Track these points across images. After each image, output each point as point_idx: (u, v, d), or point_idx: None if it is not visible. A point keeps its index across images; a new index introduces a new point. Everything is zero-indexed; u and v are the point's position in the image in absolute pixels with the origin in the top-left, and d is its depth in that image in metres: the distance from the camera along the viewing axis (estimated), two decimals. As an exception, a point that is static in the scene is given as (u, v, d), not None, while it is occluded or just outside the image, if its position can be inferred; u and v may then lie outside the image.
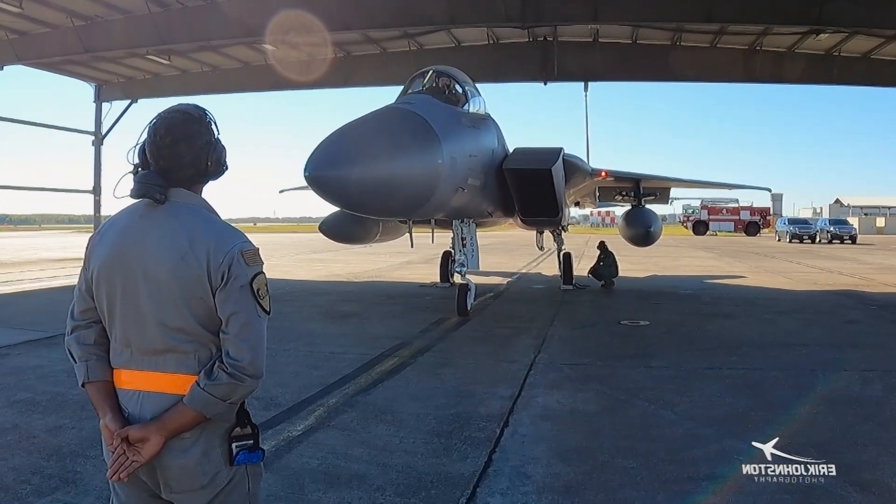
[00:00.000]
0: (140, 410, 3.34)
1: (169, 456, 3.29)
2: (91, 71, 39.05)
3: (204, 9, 28.16)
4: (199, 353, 3.40)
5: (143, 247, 3.44)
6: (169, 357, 3.37)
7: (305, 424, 8.65)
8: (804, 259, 42.54)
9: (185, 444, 3.31)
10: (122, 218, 3.63)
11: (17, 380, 10.94)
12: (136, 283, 3.40)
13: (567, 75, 34.44)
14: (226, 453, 3.42)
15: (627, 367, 12.08)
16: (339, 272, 32.35)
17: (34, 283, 27.01)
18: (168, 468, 3.31)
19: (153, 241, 3.43)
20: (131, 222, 3.55)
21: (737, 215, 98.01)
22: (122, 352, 3.46)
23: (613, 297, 23.61)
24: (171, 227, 3.45)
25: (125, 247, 3.48)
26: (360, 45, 35.17)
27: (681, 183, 33.31)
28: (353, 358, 12.75)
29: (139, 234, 3.48)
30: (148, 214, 3.50)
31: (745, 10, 24.58)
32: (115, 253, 3.49)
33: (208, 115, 3.72)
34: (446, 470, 7.12)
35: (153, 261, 3.39)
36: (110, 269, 3.49)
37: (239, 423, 3.48)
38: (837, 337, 15.47)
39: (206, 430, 3.36)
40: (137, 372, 3.41)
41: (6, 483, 6.72)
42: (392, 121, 13.82)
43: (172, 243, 3.40)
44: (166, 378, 3.36)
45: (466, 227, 18.12)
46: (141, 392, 3.37)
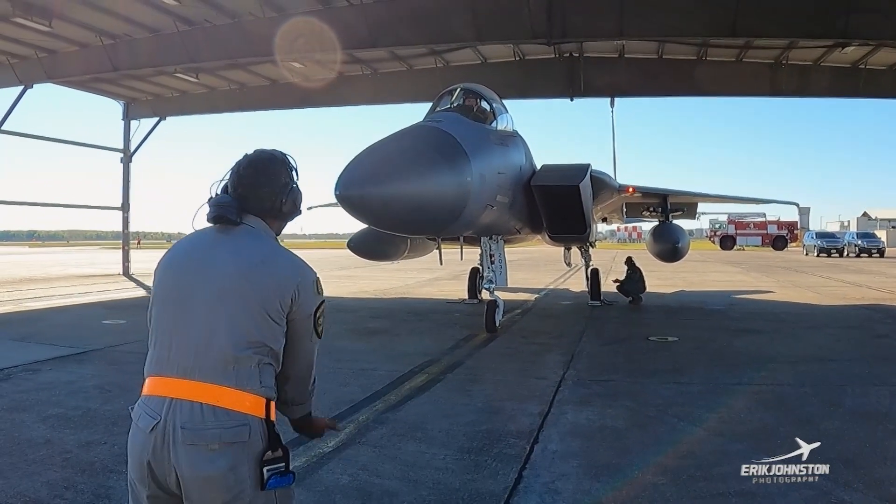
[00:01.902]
0: (172, 417, 3.39)
1: (195, 466, 3.34)
2: (119, 89, 39.21)
3: (231, 27, 28.22)
4: (252, 365, 3.53)
5: (213, 256, 3.60)
6: (229, 369, 3.47)
7: (336, 441, 8.65)
8: (832, 273, 42.35)
9: (212, 456, 3.35)
10: (194, 235, 3.80)
11: (48, 395, 11.03)
12: (199, 291, 3.54)
13: (593, 91, 34.36)
14: (256, 476, 3.45)
15: (656, 384, 12.08)
16: (366, 288, 32.44)
17: (64, 300, 27.17)
18: (193, 479, 3.35)
19: (226, 251, 3.61)
20: (204, 236, 3.73)
21: (764, 229, 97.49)
22: (168, 359, 3.54)
23: (641, 312, 23.56)
24: (246, 242, 3.64)
25: (192, 256, 3.66)
26: (387, 63, 35.18)
27: (708, 198, 33.24)
28: (382, 374, 12.80)
29: (210, 247, 3.66)
30: (222, 230, 3.66)
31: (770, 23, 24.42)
32: (180, 263, 3.66)
33: (290, 160, 3.92)
34: (477, 487, 7.14)
35: (222, 267, 3.56)
36: (173, 277, 3.66)
37: (270, 447, 3.52)
38: (867, 351, 15.40)
39: (236, 445, 3.40)
40: (188, 382, 3.47)
41: (41, 497, 6.79)
42: (421, 139, 13.87)
43: (248, 254, 3.59)
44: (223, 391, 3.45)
45: (495, 243, 18.10)
46: (176, 400, 3.44)
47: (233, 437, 3.40)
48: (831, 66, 32.27)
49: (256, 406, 3.50)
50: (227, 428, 3.39)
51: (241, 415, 3.44)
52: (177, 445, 3.34)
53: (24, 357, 14.15)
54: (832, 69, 32.52)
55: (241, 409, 3.44)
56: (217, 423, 3.38)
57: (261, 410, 3.52)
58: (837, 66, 32.34)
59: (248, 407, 3.46)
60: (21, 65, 32.59)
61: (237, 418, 3.43)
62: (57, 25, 27.48)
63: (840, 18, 23.18)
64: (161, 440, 3.37)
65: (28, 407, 10.28)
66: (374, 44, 27.64)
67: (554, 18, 24.62)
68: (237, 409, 3.44)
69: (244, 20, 27.79)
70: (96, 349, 14.32)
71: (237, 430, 3.41)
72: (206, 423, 3.37)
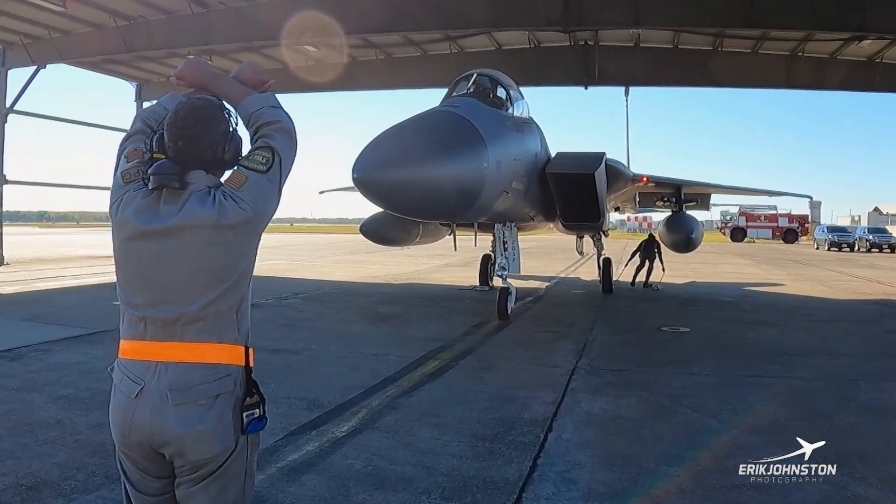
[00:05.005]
0: (157, 381, 3.40)
1: (186, 423, 3.37)
2: (133, 70, 39.25)
3: (245, 10, 28.20)
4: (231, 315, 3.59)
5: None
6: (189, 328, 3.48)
7: (349, 426, 8.67)
8: (843, 267, 42.20)
9: (201, 410, 3.40)
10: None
11: (59, 376, 11.04)
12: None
13: (608, 79, 34.30)
14: (238, 422, 3.53)
15: (669, 374, 12.02)
16: (377, 273, 32.49)
17: (74, 280, 27.30)
18: (184, 436, 3.38)
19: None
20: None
21: (775, 222, 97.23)
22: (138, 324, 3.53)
23: (653, 303, 23.51)
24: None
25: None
26: (402, 48, 35.17)
27: (722, 189, 33.11)
28: (394, 360, 12.75)
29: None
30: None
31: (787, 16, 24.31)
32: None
33: (226, 104, 3.82)
34: (491, 474, 7.10)
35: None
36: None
37: (247, 393, 3.57)
38: (879, 346, 15.31)
39: (221, 396, 3.47)
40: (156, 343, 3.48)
41: (51, 479, 6.77)
42: (438, 124, 13.84)
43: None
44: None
45: (508, 230, 18.06)
46: (161, 363, 3.44)
47: (218, 388, 3.47)
48: (847, 59, 32.15)
49: (236, 355, 3.57)
50: (212, 381, 3.45)
51: (223, 366, 3.50)
52: (166, 408, 3.36)
53: (34, 337, 14.17)
54: (848, 62, 32.39)
55: (223, 360, 3.50)
56: (204, 379, 3.42)
57: (241, 358, 3.58)
58: (853, 60, 32.20)
59: (229, 357, 3.53)
60: (34, 45, 32.66)
61: (221, 370, 3.49)
62: (71, 6, 27.52)
63: (857, 12, 23.12)
64: (147, 404, 3.39)
65: (39, 387, 10.29)
66: (389, 28, 27.70)
67: (570, 6, 24.59)
68: (221, 362, 3.49)
69: (259, 2, 27.82)
70: (107, 330, 14.22)
71: (222, 381, 3.49)
72: (193, 381, 3.41)
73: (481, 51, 34.21)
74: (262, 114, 3.77)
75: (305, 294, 23.48)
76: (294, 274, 32.01)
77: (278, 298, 21.50)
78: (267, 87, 4.07)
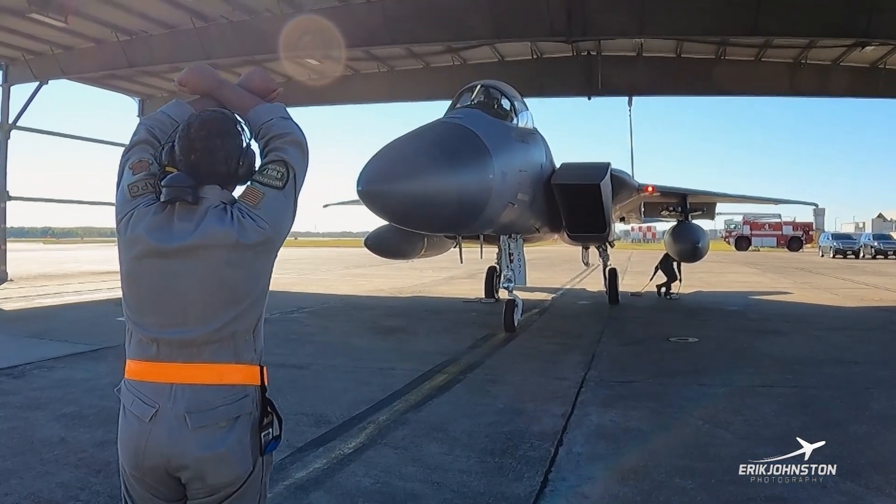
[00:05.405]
0: (174, 404, 3.32)
1: (207, 447, 3.30)
2: (135, 85, 39.17)
3: (247, 24, 28.19)
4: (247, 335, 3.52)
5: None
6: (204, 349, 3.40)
7: (357, 442, 8.59)
8: (849, 275, 42.19)
9: (221, 433, 3.35)
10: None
11: (63, 392, 10.97)
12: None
13: (611, 89, 34.21)
14: (257, 444, 3.48)
15: (679, 385, 11.94)
16: (382, 287, 32.47)
17: (78, 296, 27.25)
18: (204, 460, 3.31)
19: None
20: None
21: (779, 230, 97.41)
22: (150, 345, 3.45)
23: (660, 312, 23.47)
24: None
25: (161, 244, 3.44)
26: (404, 60, 35.11)
27: (728, 198, 33.14)
28: (401, 374, 12.69)
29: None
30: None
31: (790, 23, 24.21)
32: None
33: (239, 118, 3.73)
34: (502, 490, 7.01)
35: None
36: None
37: (263, 413, 3.52)
38: (890, 354, 15.21)
39: (241, 417, 3.40)
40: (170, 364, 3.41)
41: (55, 499, 6.70)
42: (443, 135, 13.74)
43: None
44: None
45: (514, 242, 17.95)
46: (177, 385, 3.36)
47: (238, 410, 3.41)
48: (851, 65, 32.09)
49: (253, 375, 3.51)
50: (232, 403, 3.39)
51: (241, 387, 3.44)
52: (184, 431, 3.28)
53: (38, 354, 14.12)
54: (851, 69, 32.33)
55: (242, 381, 3.45)
56: (224, 401, 3.36)
57: (257, 378, 3.53)
58: (857, 66, 32.15)
59: (247, 378, 3.48)
60: (36, 61, 32.67)
61: (240, 391, 3.43)
62: (73, 21, 27.46)
63: (862, 17, 23.02)
64: (163, 428, 3.31)
65: (43, 405, 10.22)
66: (391, 41, 27.63)
67: (574, 15, 24.50)
68: (239, 383, 3.44)
69: (260, 17, 27.80)
70: (111, 346, 14.16)
71: (242, 402, 3.43)
72: (213, 403, 3.34)
73: (484, 62, 34.14)
74: (272, 125, 3.67)
75: (310, 308, 23.41)
76: (299, 288, 31.94)
77: (283, 313, 21.41)
78: (275, 96, 3.98)
